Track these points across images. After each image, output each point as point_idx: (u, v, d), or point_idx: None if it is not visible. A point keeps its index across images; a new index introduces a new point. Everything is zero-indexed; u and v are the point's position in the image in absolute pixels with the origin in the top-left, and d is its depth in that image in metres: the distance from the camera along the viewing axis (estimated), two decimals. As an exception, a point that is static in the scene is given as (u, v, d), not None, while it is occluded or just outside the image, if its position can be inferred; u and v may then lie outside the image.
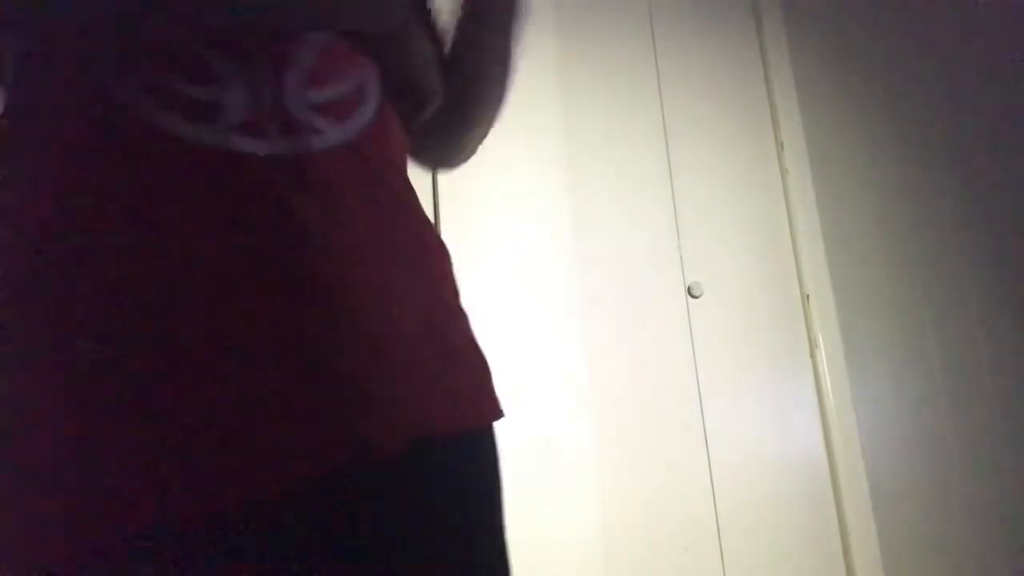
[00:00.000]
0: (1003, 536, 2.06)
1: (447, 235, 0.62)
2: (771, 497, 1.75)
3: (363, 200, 0.49)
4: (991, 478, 2.09)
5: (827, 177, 2.07)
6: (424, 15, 0.67)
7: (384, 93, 0.55)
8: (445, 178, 1.51)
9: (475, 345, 0.57)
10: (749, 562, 1.68)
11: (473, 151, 0.72)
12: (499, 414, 0.57)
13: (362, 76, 0.54)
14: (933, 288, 2.18)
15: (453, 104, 0.67)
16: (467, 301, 0.60)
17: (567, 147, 1.61)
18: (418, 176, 0.61)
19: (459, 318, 0.57)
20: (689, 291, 1.80)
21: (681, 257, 1.82)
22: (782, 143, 2.02)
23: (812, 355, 1.90)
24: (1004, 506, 2.09)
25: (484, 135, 0.71)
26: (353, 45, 0.54)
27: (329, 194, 0.47)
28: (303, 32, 0.50)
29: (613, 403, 1.64)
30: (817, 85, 2.15)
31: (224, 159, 0.44)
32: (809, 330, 1.92)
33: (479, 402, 0.55)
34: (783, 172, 2.01)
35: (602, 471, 1.54)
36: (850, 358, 1.94)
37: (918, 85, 2.36)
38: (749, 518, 1.71)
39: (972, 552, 1.99)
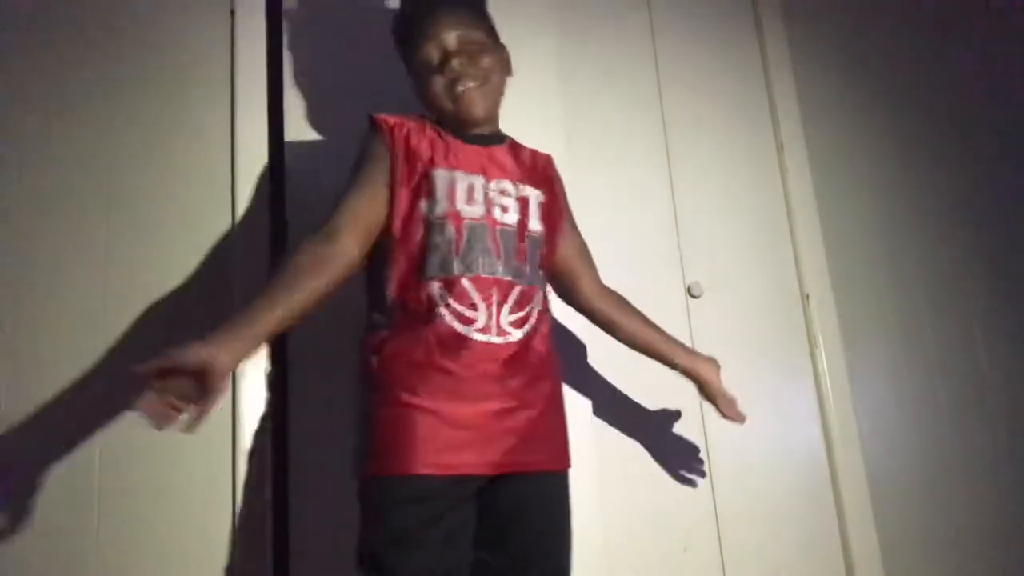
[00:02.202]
0: (1003, 535, 2.06)
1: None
2: (771, 497, 1.75)
3: (524, 358, 1.12)
4: (991, 477, 2.09)
5: (827, 177, 2.07)
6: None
7: (541, 310, 1.17)
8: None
9: (563, 430, 1.19)
10: (749, 562, 1.68)
11: None
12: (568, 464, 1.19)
13: (531, 306, 1.14)
14: (933, 288, 2.18)
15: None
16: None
17: (567, 147, 1.61)
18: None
19: (560, 417, 1.19)
20: (689, 291, 1.80)
21: (681, 257, 1.82)
22: (782, 143, 2.02)
23: (812, 355, 1.90)
24: (1004, 505, 2.09)
25: None
26: (534, 289, 1.16)
27: (511, 359, 1.10)
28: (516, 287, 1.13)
29: (613, 402, 1.64)
30: (817, 85, 2.15)
31: (472, 342, 1.07)
32: (809, 330, 1.92)
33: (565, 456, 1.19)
34: (783, 172, 2.01)
35: (602, 471, 1.54)
36: (850, 358, 1.94)
37: (918, 85, 2.36)
38: (749, 518, 1.71)
39: (972, 551, 1.99)
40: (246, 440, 1.34)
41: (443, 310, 1.07)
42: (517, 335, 1.11)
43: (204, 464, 1.33)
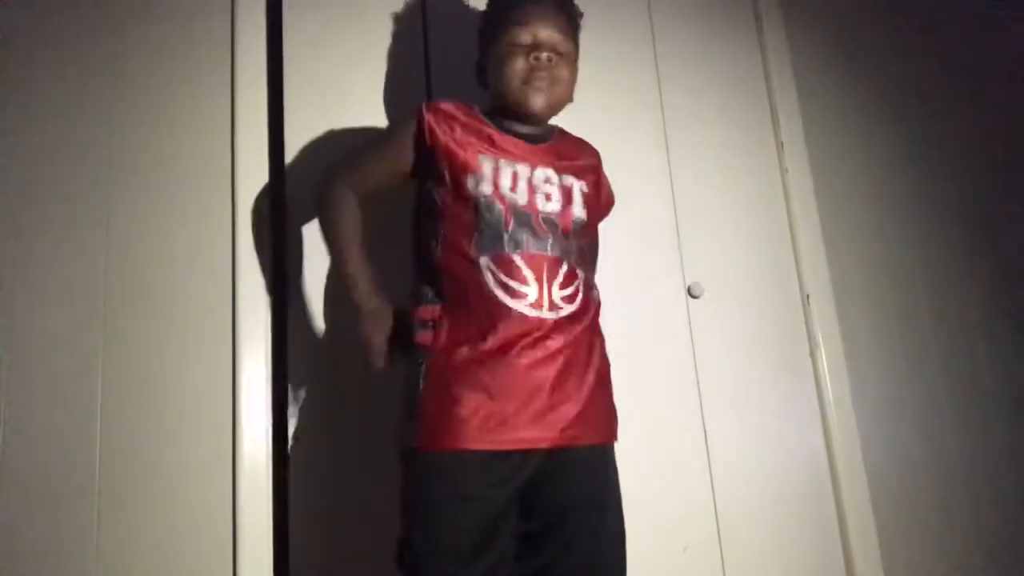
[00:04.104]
0: (1003, 536, 2.06)
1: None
2: (771, 497, 1.75)
3: (573, 333, 1.15)
4: (991, 478, 2.09)
5: (827, 177, 2.07)
6: None
7: (587, 287, 1.21)
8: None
9: (612, 404, 1.23)
10: (749, 562, 1.68)
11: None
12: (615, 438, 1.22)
13: (578, 283, 1.19)
14: (933, 288, 2.18)
15: None
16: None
17: (567, 147, 1.61)
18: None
19: (609, 390, 1.22)
20: (689, 291, 1.80)
21: (681, 257, 1.82)
22: (782, 143, 2.02)
23: (812, 355, 1.90)
24: (1004, 505, 2.09)
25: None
26: (578, 269, 1.20)
27: (562, 332, 1.13)
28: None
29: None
30: (817, 85, 2.15)
31: (523, 316, 1.10)
32: (809, 330, 1.92)
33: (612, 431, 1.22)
34: (783, 172, 2.01)
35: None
36: (850, 358, 1.94)
37: (919, 85, 2.36)
38: (749, 518, 1.71)
39: (972, 552, 1.99)
40: (246, 440, 1.34)
41: (494, 286, 1.11)
42: (568, 310, 1.14)
43: (204, 464, 1.33)
